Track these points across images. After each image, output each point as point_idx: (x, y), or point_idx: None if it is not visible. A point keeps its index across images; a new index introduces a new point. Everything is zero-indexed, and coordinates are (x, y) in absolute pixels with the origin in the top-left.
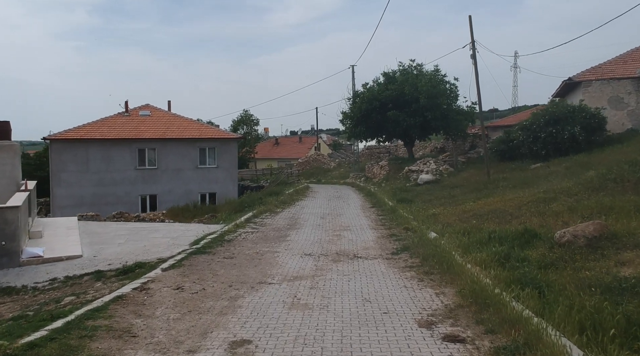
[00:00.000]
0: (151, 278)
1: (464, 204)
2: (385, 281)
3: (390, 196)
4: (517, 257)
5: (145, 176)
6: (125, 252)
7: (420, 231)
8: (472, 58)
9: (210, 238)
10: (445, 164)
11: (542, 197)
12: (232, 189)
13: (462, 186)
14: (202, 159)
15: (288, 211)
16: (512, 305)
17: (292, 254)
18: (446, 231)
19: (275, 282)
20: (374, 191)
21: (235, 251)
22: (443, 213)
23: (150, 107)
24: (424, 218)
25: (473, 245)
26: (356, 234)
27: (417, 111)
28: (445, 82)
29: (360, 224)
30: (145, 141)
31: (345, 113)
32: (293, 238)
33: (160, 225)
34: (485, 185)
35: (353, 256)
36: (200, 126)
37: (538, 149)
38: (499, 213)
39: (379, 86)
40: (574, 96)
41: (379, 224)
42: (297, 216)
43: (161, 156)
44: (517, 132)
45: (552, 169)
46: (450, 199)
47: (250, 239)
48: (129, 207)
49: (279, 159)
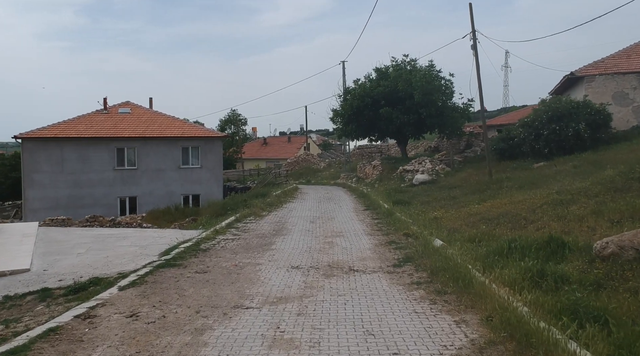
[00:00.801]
0: (103, 301)
1: (468, 206)
2: (390, 304)
3: (385, 197)
4: (553, 274)
5: (125, 177)
6: (82, 264)
7: (423, 237)
8: (472, 49)
9: (184, 247)
10: (441, 163)
11: (556, 198)
12: (216, 190)
13: (461, 186)
14: (184, 159)
15: (275, 214)
16: (570, 348)
17: (276, 266)
18: (453, 238)
19: (255, 306)
20: (366, 192)
21: (210, 263)
22: (446, 216)
23: (130, 104)
24: (425, 222)
25: (491, 257)
26: (350, 241)
27: (411, 107)
28: (441, 78)
29: (355, 230)
30: (124, 139)
31: (336, 111)
32: (279, 247)
33: (131, 231)
34: (488, 185)
35: (348, 269)
36: (183, 124)
37: (540, 147)
38: (510, 217)
39: (370, 82)
40: (575, 92)
41: (375, 230)
42: (284, 220)
43: (141, 156)
44: (517, 130)
45: (559, 168)
46: (451, 201)
47: (230, 248)
48: (107, 210)
49: (267, 159)
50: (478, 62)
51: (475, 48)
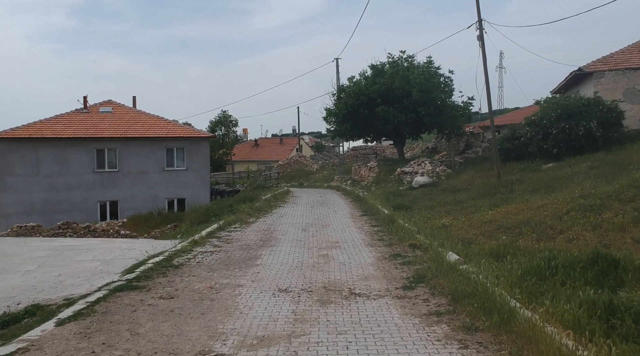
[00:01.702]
0: (28, 343)
1: (479, 212)
2: (408, 349)
3: (383, 201)
4: (628, 309)
5: (105, 179)
6: (25, 286)
7: (433, 250)
8: (479, 39)
9: (153, 262)
10: (442, 165)
11: (583, 204)
12: (203, 194)
13: (465, 189)
14: (169, 160)
15: (263, 221)
16: None
17: (260, 289)
18: (470, 252)
19: (227, 352)
20: (363, 195)
21: (180, 284)
22: (455, 224)
23: (112, 103)
24: (433, 230)
25: (527, 279)
26: (349, 253)
27: (409, 106)
28: (440, 75)
29: (353, 239)
30: (104, 140)
31: (330, 110)
32: (265, 261)
33: (98, 242)
34: (497, 189)
35: (349, 293)
36: (167, 124)
37: (549, 147)
38: (533, 226)
39: (366, 79)
40: (583, 89)
41: (375, 239)
42: (273, 227)
43: (123, 157)
44: (523, 129)
45: (574, 170)
46: (457, 206)
47: (207, 263)
48: (86, 215)
49: (258, 161)
50: (485, 54)
51: (482, 38)
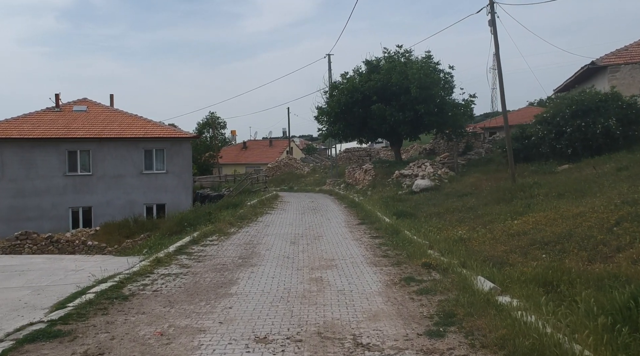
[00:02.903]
0: None
1: (499, 221)
2: None
3: (382, 207)
4: None
5: (77, 184)
6: None
7: (456, 272)
8: (490, 25)
9: (97, 291)
10: (444, 167)
11: (634, 212)
12: (185, 199)
13: (473, 194)
14: (148, 163)
15: (245, 231)
16: None
17: (230, 338)
18: (507, 276)
19: None
20: (358, 201)
21: (120, 329)
22: (475, 236)
23: (87, 101)
24: (448, 244)
25: (614, 329)
26: (348, 276)
27: (407, 104)
28: (439, 71)
29: (351, 255)
30: (77, 141)
31: (321, 108)
32: (242, 289)
33: (40, 261)
34: (513, 193)
35: (353, 344)
36: (146, 123)
37: (562, 147)
38: (579, 240)
39: (360, 76)
40: (596, 85)
41: (379, 255)
42: (256, 240)
43: (97, 160)
44: (534, 128)
45: (598, 171)
46: (469, 213)
47: (167, 292)
48: (56, 222)
49: (247, 164)
50: (497, 41)
51: (494, 23)
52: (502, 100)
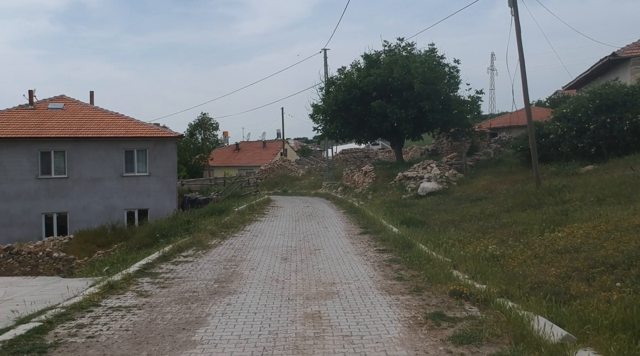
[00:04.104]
0: None
1: (533, 233)
2: None
3: (386, 213)
4: None
5: (51, 188)
6: None
7: (500, 308)
8: (510, 5)
9: (8, 338)
10: (451, 168)
11: None
12: (169, 203)
13: (489, 198)
14: (129, 165)
15: (229, 243)
16: None
17: None
18: (579, 317)
19: None
20: (359, 205)
21: None
22: (509, 253)
23: (65, 99)
24: (475, 262)
25: None
26: (355, 312)
27: (410, 100)
28: (444, 65)
29: (357, 277)
30: (51, 141)
31: (317, 106)
32: (209, 335)
33: None
34: (539, 198)
35: None
36: (127, 122)
37: (585, 146)
38: None
39: (359, 71)
40: (617, 78)
41: (391, 277)
42: (240, 255)
43: (73, 161)
44: (552, 124)
45: (637, 173)
46: (491, 221)
47: (105, 339)
48: (28, 230)
49: (239, 166)
50: (518, 23)
51: (515, 4)
52: (525, 90)
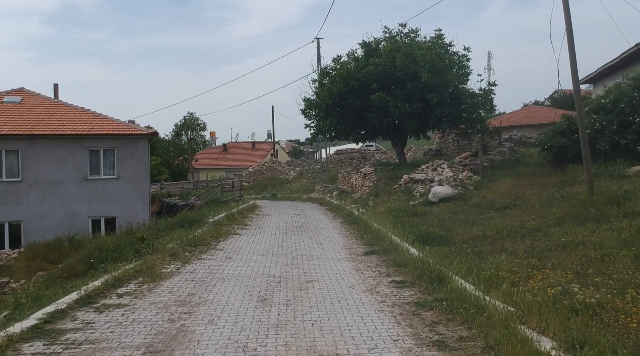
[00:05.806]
0: None
1: (620, 261)
2: None
3: (396, 225)
4: None
5: (2, 193)
6: None
7: None
8: None
9: None
10: (465, 169)
11: None
12: (141, 209)
13: (519, 206)
14: (94, 166)
15: (190, 271)
16: None
17: None
18: None
19: None
20: (359, 214)
21: None
22: (609, 299)
23: (24, 92)
24: (558, 316)
25: None
26: None
27: (415, 92)
28: (453, 53)
29: (375, 344)
30: (2, 138)
31: (309, 100)
32: None
33: None
34: (597, 208)
35: None
36: (92, 118)
37: (629, 142)
38: None
39: (356, 61)
40: None
41: (429, 343)
42: (199, 293)
43: (28, 162)
44: (588, 117)
45: None
46: (539, 240)
47: None
48: None
49: (227, 168)
50: None
51: None
52: (574, 69)
